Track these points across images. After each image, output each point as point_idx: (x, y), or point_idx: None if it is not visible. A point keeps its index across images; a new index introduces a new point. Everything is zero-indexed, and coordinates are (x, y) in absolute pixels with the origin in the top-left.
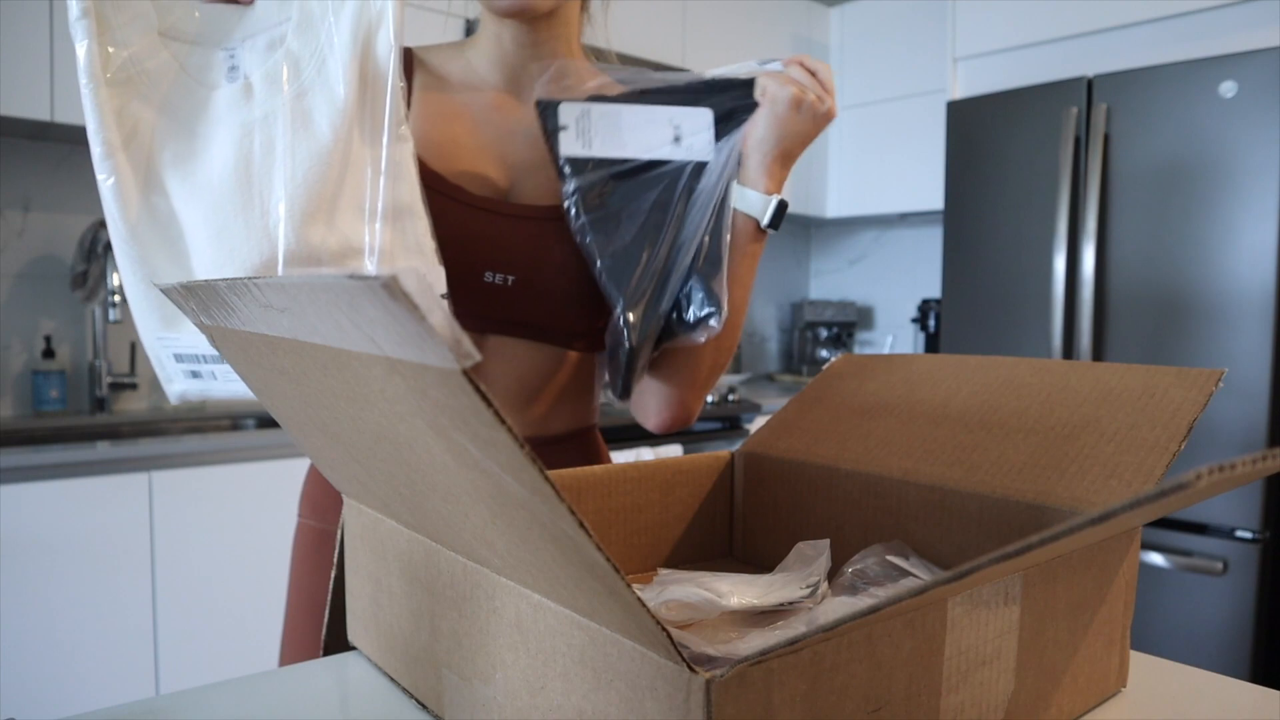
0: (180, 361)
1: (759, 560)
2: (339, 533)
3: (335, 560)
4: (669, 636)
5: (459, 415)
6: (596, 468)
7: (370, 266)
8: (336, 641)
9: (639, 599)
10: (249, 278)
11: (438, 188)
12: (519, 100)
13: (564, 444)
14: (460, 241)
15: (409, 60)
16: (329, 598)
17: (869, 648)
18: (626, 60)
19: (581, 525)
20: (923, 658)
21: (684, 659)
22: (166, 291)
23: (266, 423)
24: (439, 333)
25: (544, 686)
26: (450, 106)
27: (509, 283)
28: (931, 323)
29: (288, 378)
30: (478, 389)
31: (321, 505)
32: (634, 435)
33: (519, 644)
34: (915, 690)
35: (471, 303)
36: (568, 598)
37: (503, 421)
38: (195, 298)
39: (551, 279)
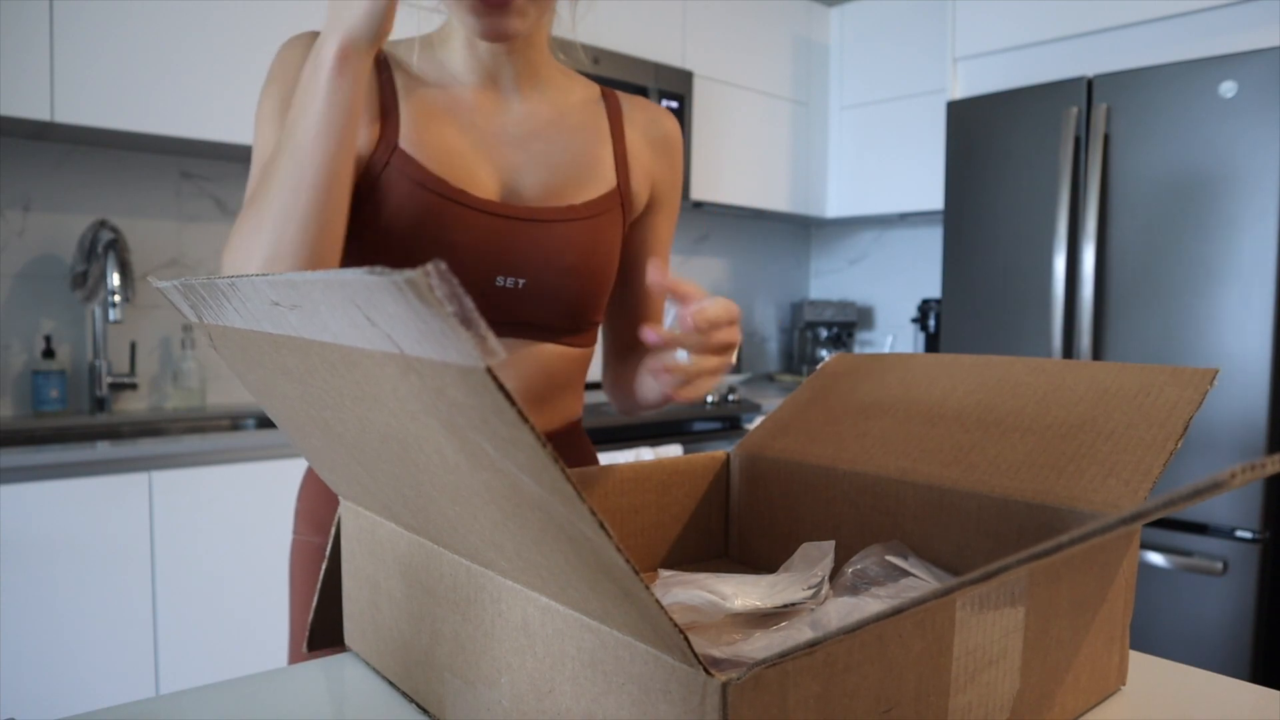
0: None
1: (755, 561)
2: (333, 528)
3: (327, 553)
4: (685, 639)
5: (478, 414)
6: (593, 469)
7: None
8: (324, 634)
9: (657, 601)
10: (255, 274)
11: (443, 192)
12: (499, 99)
13: (556, 440)
14: (471, 247)
15: (382, 60)
16: (317, 591)
17: (880, 648)
18: (621, 58)
19: (602, 526)
20: (932, 658)
21: (700, 662)
22: (163, 291)
23: (266, 423)
24: (465, 329)
25: (552, 690)
26: (434, 107)
27: (520, 286)
28: (931, 323)
29: (291, 377)
30: (500, 387)
31: (319, 519)
32: (634, 435)
33: (525, 647)
34: (925, 691)
35: (485, 308)
36: (579, 600)
37: (525, 420)
38: (193, 295)
39: (561, 281)
